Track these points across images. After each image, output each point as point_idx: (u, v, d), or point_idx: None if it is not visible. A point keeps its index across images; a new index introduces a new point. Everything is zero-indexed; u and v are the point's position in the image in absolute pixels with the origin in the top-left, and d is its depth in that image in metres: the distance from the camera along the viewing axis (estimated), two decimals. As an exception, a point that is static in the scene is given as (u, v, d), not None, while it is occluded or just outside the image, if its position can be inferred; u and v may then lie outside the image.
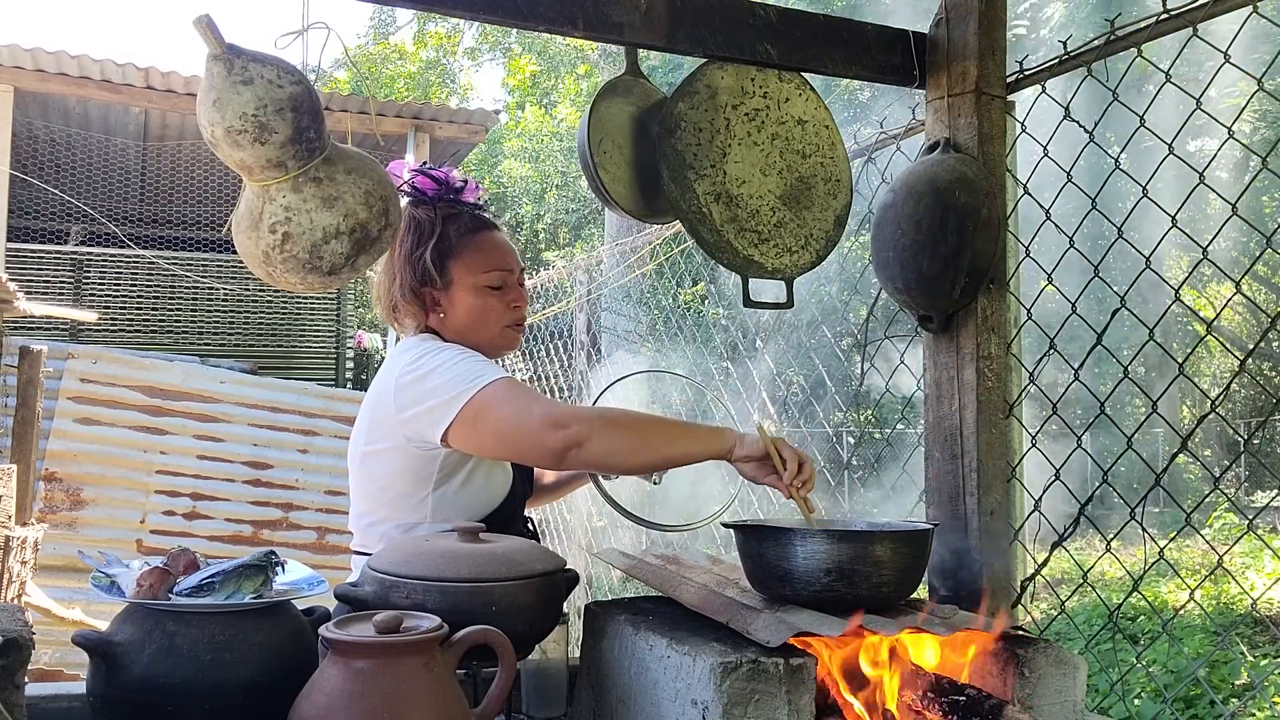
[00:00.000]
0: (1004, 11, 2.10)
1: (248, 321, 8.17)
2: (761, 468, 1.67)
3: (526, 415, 1.61)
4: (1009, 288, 2.08)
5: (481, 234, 1.88)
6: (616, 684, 1.62)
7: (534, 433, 1.60)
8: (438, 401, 1.66)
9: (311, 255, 1.58)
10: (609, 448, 1.62)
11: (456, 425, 1.64)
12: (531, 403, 1.64)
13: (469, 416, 1.63)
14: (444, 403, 1.65)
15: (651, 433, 1.66)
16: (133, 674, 1.24)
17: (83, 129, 7.52)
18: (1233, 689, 5.16)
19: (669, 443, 1.66)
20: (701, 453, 1.67)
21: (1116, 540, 3.92)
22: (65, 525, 5.15)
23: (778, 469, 1.65)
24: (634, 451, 1.65)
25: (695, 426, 1.76)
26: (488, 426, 1.64)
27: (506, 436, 1.64)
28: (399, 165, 1.89)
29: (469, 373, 1.67)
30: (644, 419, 1.69)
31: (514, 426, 1.62)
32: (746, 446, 1.66)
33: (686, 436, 1.68)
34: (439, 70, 21.30)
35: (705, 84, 1.95)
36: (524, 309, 1.92)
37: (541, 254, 15.90)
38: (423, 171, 1.87)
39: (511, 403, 1.63)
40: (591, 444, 1.59)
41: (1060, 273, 2.12)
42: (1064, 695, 1.53)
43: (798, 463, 1.65)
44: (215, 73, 1.48)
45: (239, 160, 1.52)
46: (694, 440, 1.68)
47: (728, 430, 1.70)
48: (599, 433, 1.60)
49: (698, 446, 1.67)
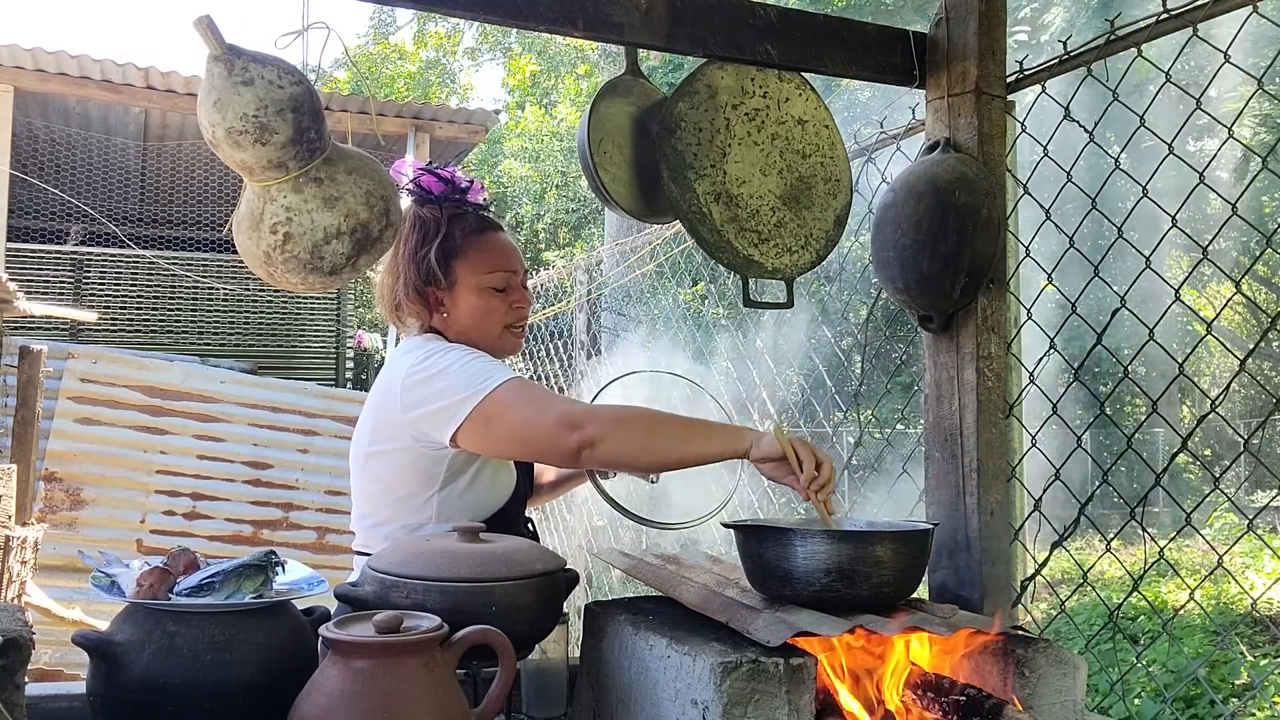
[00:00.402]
0: (1004, 11, 2.10)
1: (248, 321, 8.17)
2: (780, 468, 1.61)
3: (541, 416, 1.60)
4: (1009, 288, 2.08)
5: (487, 234, 1.88)
6: (616, 684, 1.62)
7: (549, 433, 1.59)
8: (447, 402, 1.65)
9: (312, 255, 1.58)
10: (623, 448, 1.61)
11: (467, 426, 1.63)
12: (545, 403, 1.63)
13: (480, 418, 1.63)
14: (454, 404, 1.64)
15: (667, 432, 1.63)
16: (133, 674, 1.24)
17: (83, 129, 7.52)
18: (1233, 689, 5.17)
19: (685, 443, 1.62)
20: (718, 453, 1.63)
21: (1116, 540, 3.91)
22: (65, 525, 5.15)
23: (794, 470, 1.60)
24: (648, 451, 1.63)
25: (711, 425, 1.70)
26: (501, 428, 1.63)
27: (521, 437, 1.63)
28: (405, 164, 1.89)
29: (479, 373, 1.66)
30: (659, 418, 1.65)
31: (529, 427, 1.61)
32: (764, 447, 1.61)
33: (702, 436, 1.63)
34: (439, 70, 21.30)
35: (705, 84, 1.95)
36: (526, 310, 1.92)
37: (541, 254, 15.90)
38: (429, 170, 1.87)
39: (525, 404, 1.62)
40: (606, 444, 1.58)
41: (1060, 273, 2.12)
42: (1064, 695, 1.53)
43: (815, 464, 1.59)
44: (216, 73, 1.48)
45: (240, 161, 1.52)
46: (710, 440, 1.63)
47: (745, 429, 1.66)
48: (613, 433, 1.58)
49: (714, 447, 1.63)
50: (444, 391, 1.66)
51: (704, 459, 1.63)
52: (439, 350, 1.74)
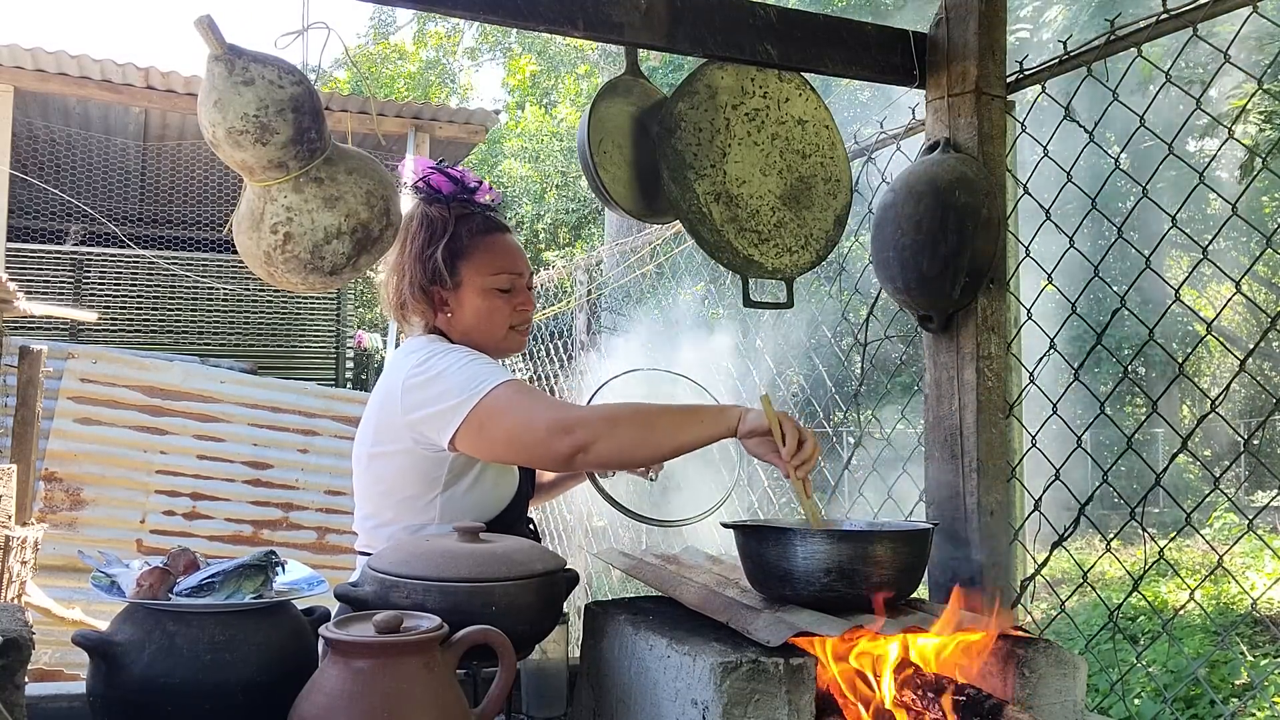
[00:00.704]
0: (1004, 11, 2.10)
1: (248, 321, 8.16)
2: (765, 443, 1.62)
3: (533, 422, 1.61)
4: (1009, 288, 2.08)
5: (493, 236, 1.87)
6: (616, 684, 1.62)
7: (541, 439, 1.60)
8: (445, 406, 1.65)
9: (313, 255, 1.58)
10: (617, 446, 1.61)
11: (463, 430, 1.64)
12: (537, 408, 1.63)
13: (475, 423, 1.63)
14: (451, 408, 1.64)
15: (658, 424, 1.64)
16: (133, 674, 1.24)
17: (83, 129, 7.52)
18: (1233, 689, 5.17)
19: (676, 431, 1.63)
20: (709, 435, 1.63)
21: (1116, 540, 3.89)
22: (65, 525, 5.15)
23: (779, 447, 1.59)
24: (643, 446, 1.64)
25: (698, 409, 1.71)
26: (495, 433, 1.63)
27: (514, 443, 1.63)
28: (417, 163, 1.88)
29: (475, 377, 1.66)
30: (648, 410, 1.66)
31: (521, 433, 1.61)
32: (750, 422, 1.62)
33: (692, 421, 1.64)
34: (439, 70, 21.30)
35: (705, 84, 1.95)
36: (530, 313, 1.92)
37: (541, 254, 15.90)
38: (439, 170, 1.86)
39: (517, 410, 1.62)
40: (599, 445, 1.59)
41: (1060, 273, 2.12)
42: (1064, 695, 1.53)
43: (798, 440, 1.59)
44: (216, 73, 1.48)
45: (240, 161, 1.52)
46: (699, 424, 1.64)
47: (731, 407, 1.66)
48: (605, 433, 1.59)
49: (704, 430, 1.63)
50: (442, 395, 1.66)
51: (698, 443, 1.64)
52: (439, 352, 1.74)
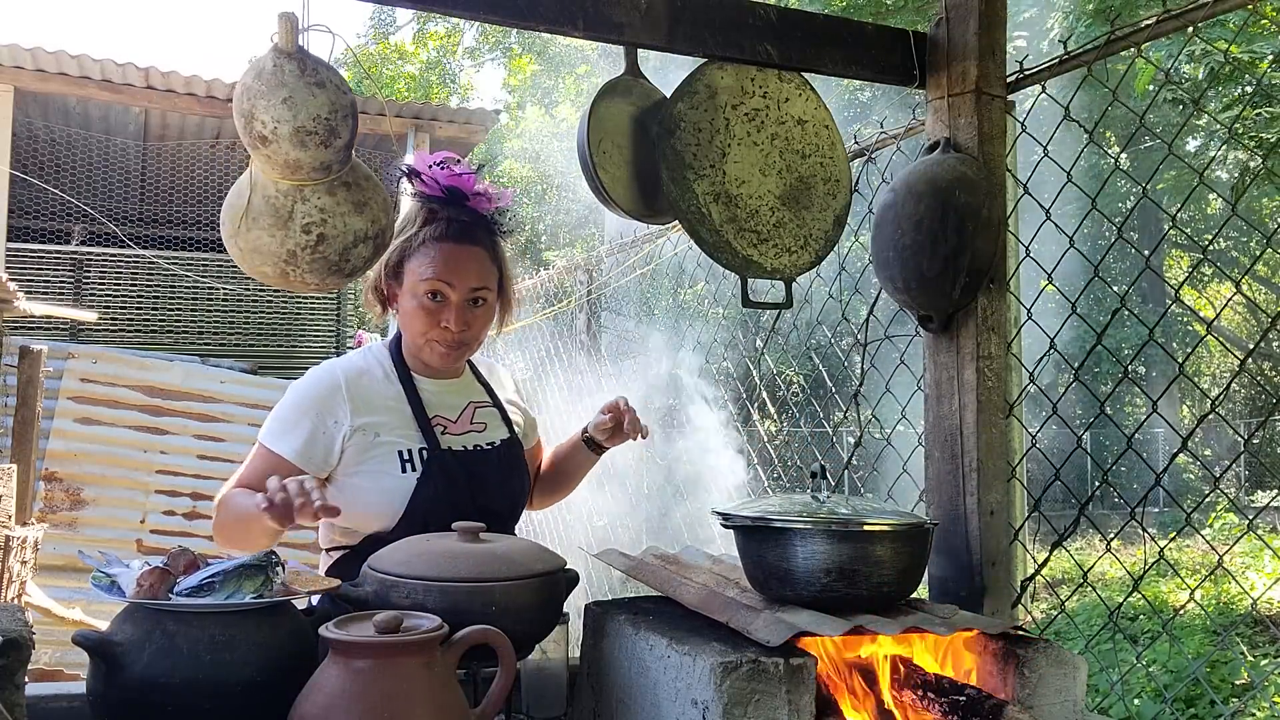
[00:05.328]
0: (1004, 11, 2.10)
1: (248, 321, 8.16)
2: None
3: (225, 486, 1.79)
4: (1009, 288, 2.08)
5: (445, 244, 1.80)
6: (616, 684, 1.62)
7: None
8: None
9: (341, 258, 1.62)
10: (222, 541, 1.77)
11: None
12: (235, 478, 1.79)
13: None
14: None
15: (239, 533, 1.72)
16: (133, 674, 1.24)
17: (83, 129, 7.51)
18: (1233, 689, 5.17)
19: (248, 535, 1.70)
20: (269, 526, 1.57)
21: (1116, 540, 3.89)
22: (65, 525, 5.15)
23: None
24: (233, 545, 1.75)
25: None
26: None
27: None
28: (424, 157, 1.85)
29: (268, 423, 1.81)
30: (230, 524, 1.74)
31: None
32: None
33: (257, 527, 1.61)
34: (439, 70, 21.30)
35: (705, 84, 1.95)
36: (456, 334, 1.81)
37: (542, 254, 15.90)
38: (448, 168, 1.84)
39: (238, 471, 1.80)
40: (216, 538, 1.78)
41: (1060, 273, 2.12)
42: (1064, 695, 1.53)
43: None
44: (288, 70, 1.48)
45: (293, 160, 1.51)
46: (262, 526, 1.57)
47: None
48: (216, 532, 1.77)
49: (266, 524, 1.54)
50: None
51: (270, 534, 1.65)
52: (295, 385, 1.87)
